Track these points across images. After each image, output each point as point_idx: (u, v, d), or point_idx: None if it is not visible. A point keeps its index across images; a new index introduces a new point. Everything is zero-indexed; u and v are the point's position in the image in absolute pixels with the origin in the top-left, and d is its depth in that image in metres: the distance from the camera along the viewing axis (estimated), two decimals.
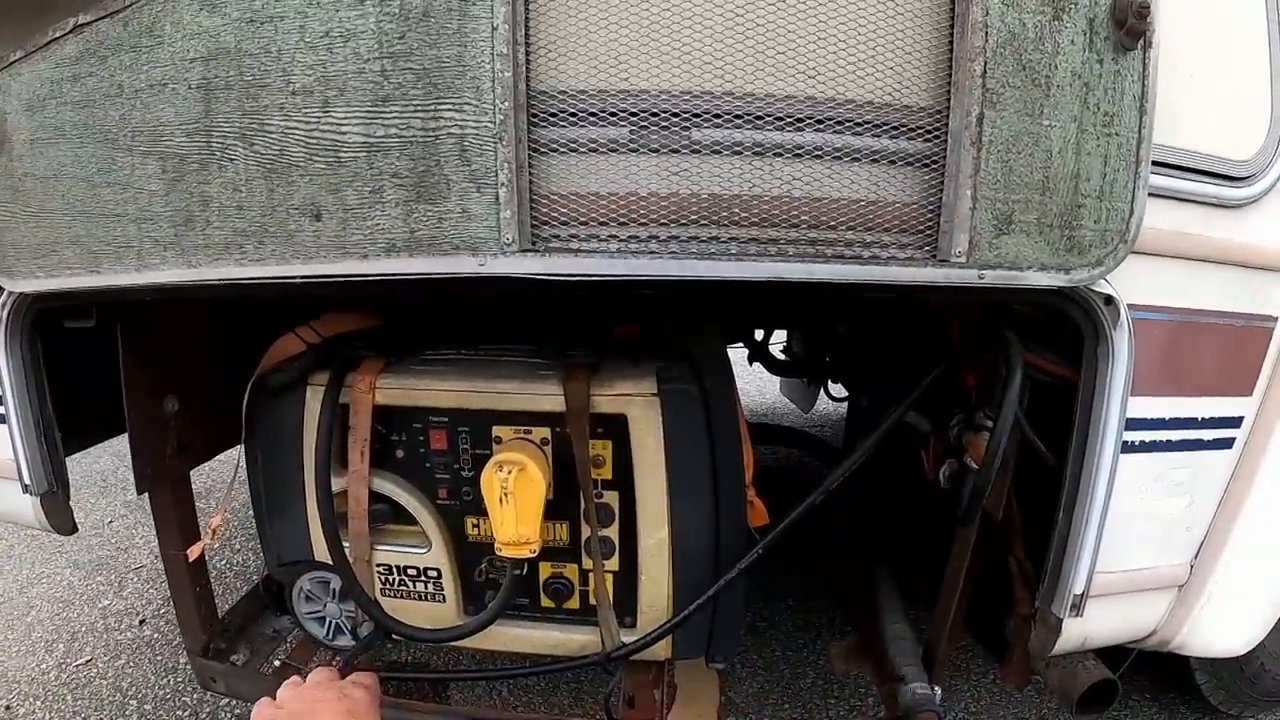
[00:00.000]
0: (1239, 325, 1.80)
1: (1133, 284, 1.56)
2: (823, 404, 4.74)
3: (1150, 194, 1.46)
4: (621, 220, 1.36)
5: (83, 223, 1.59)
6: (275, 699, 1.53)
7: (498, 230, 1.35)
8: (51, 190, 1.60)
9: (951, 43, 1.35)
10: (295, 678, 1.56)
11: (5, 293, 1.79)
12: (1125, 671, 1.99)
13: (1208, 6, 1.69)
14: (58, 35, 1.52)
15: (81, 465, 1.89)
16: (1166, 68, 1.41)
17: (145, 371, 2.04)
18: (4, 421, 1.92)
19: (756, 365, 4.24)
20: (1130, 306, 1.55)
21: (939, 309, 1.97)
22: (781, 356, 4.39)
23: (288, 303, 2.03)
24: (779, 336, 4.46)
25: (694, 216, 1.36)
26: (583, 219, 1.37)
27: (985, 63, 1.32)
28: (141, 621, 3.47)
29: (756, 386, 6.53)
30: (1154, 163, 1.45)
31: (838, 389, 4.25)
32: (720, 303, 2.01)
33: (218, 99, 1.44)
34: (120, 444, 2.16)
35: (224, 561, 3.95)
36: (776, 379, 5.03)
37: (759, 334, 4.09)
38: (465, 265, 1.39)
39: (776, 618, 3.45)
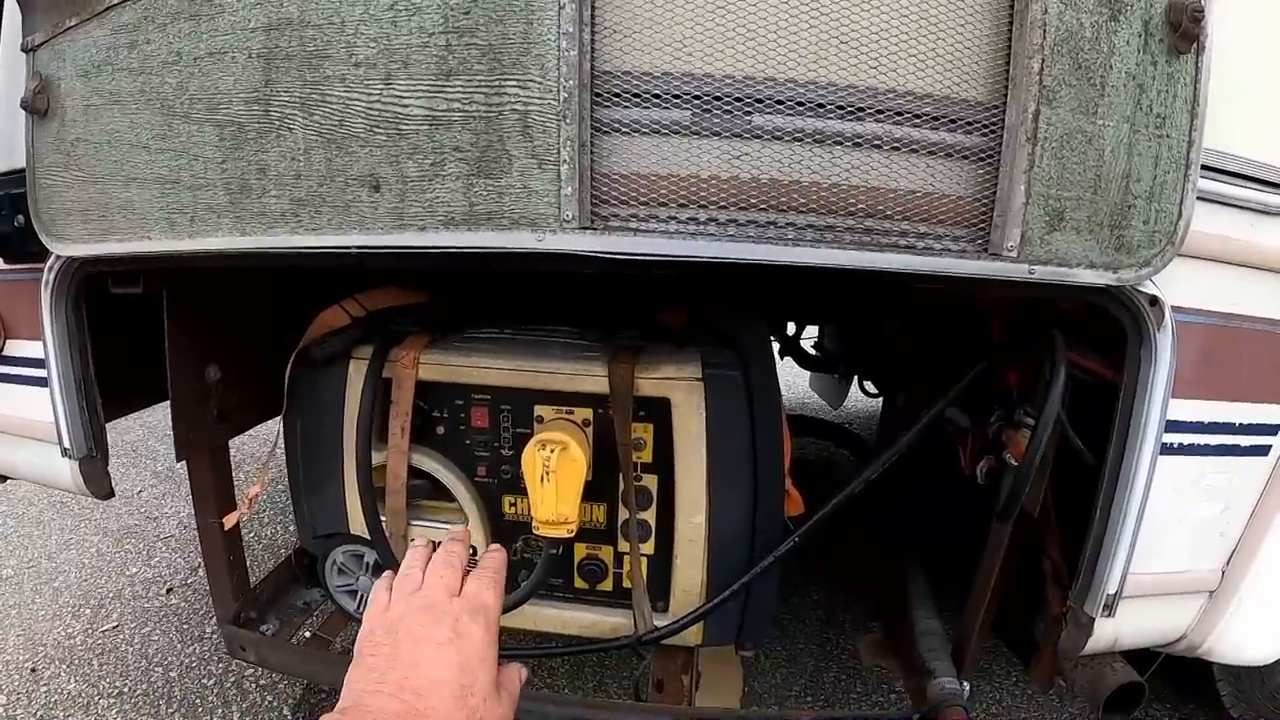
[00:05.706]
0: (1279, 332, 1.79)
1: (1177, 286, 1.56)
2: (851, 401, 4.74)
3: (1197, 197, 1.46)
4: (681, 202, 1.36)
5: (136, 188, 1.61)
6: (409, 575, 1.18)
7: (558, 207, 1.36)
8: (104, 156, 1.62)
9: (1010, 39, 1.35)
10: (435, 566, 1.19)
11: (52, 257, 1.80)
12: (1147, 679, 1.99)
13: (1256, 11, 1.69)
14: (115, 2, 1.54)
15: (111, 436, 1.91)
16: (1215, 71, 1.41)
17: (189, 339, 2.06)
18: (46, 385, 1.95)
19: (786, 359, 4.20)
20: (1174, 309, 1.55)
21: (984, 304, 1.97)
22: (812, 351, 4.39)
23: (333, 275, 2.05)
24: (810, 331, 4.46)
25: (753, 200, 1.36)
26: (642, 199, 1.37)
27: (1043, 60, 1.33)
28: (169, 590, 3.50)
29: (785, 381, 6.50)
30: (1201, 166, 1.46)
31: (870, 385, 4.25)
32: (761, 292, 2.01)
33: (278, 69, 1.44)
34: (149, 415, 2.18)
35: (251, 534, 3.96)
36: (805, 373, 5.02)
37: (790, 328, 4.08)
38: (524, 240, 1.40)
39: (801, 610, 3.47)
